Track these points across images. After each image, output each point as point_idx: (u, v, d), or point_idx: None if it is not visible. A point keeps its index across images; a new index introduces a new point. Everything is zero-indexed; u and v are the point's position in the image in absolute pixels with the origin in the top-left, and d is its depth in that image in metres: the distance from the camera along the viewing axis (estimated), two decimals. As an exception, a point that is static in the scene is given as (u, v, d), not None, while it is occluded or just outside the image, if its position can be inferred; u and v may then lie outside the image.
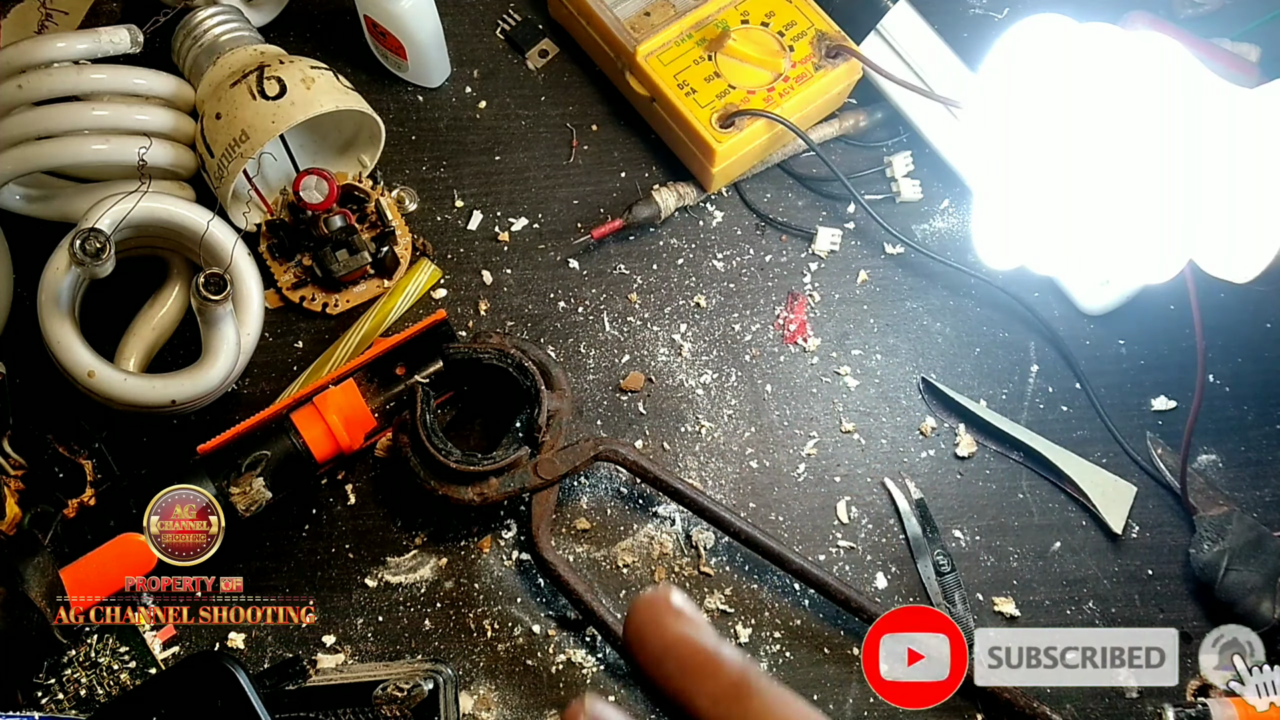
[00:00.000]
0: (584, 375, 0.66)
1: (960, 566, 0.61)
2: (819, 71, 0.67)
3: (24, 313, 0.63)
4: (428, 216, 0.70)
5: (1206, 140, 0.51)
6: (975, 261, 0.68)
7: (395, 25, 0.67)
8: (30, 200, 0.64)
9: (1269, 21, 0.72)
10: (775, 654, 0.60)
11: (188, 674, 0.47)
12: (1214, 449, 0.65)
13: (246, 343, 0.62)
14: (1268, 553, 0.59)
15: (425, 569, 0.61)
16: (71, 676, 0.57)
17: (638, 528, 0.62)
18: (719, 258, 0.69)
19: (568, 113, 0.73)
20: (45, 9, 0.74)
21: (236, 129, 0.60)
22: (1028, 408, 0.66)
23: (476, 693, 0.58)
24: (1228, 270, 0.52)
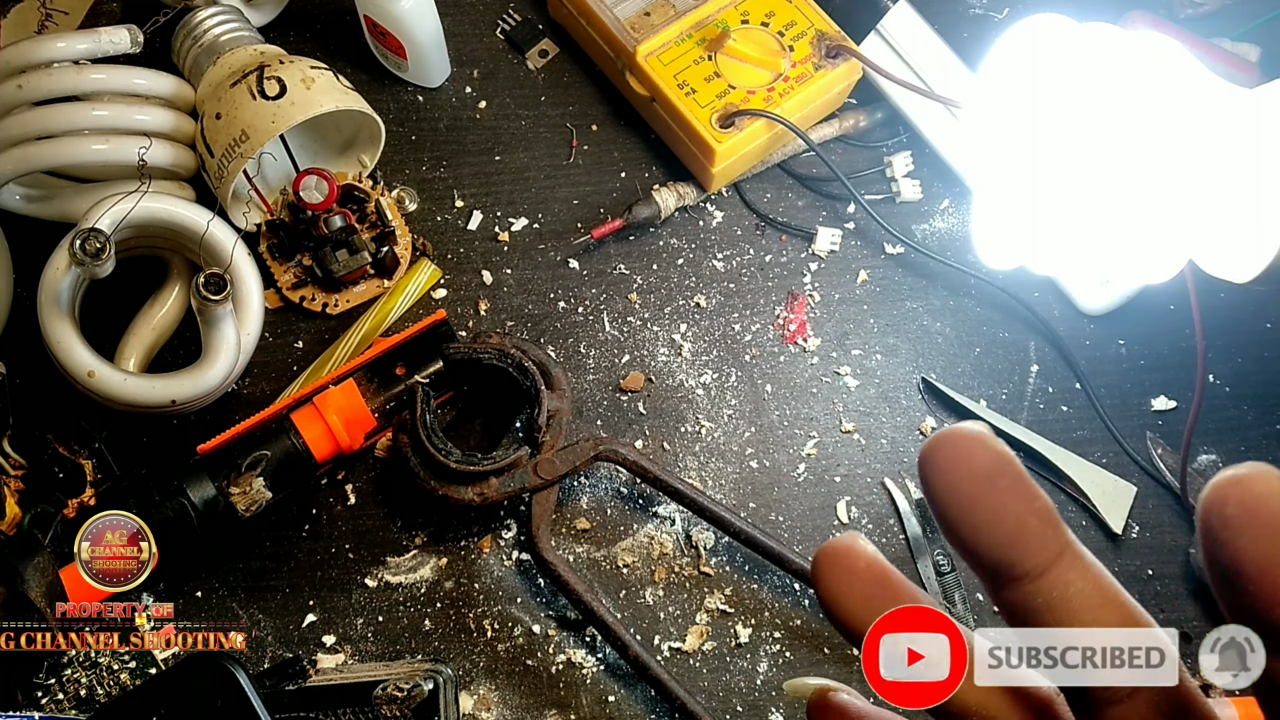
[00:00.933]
0: (584, 375, 0.66)
1: (960, 566, 0.61)
2: (819, 71, 0.67)
3: (24, 313, 0.63)
4: (428, 216, 0.70)
5: (1206, 140, 0.51)
6: (975, 261, 0.68)
7: (395, 25, 0.67)
8: (30, 200, 0.64)
9: (1269, 21, 0.72)
10: (775, 654, 0.60)
11: (188, 674, 0.47)
12: (1214, 449, 0.65)
13: (246, 343, 0.62)
14: (1268, 553, 0.59)
15: (425, 569, 0.61)
16: (71, 676, 0.57)
17: (638, 528, 0.62)
18: (719, 258, 0.69)
19: (568, 113, 0.73)
20: (45, 9, 0.74)
21: (236, 129, 0.60)
22: (1028, 408, 0.66)
23: (476, 693, 0.58)
24: (1228, 270, 0.52)
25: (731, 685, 0.59)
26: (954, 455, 0.23)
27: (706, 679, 0.59)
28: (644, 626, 0.60)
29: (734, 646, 0.60)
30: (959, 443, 0.23)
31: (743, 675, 0.59)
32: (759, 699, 0.59)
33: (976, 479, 0.23)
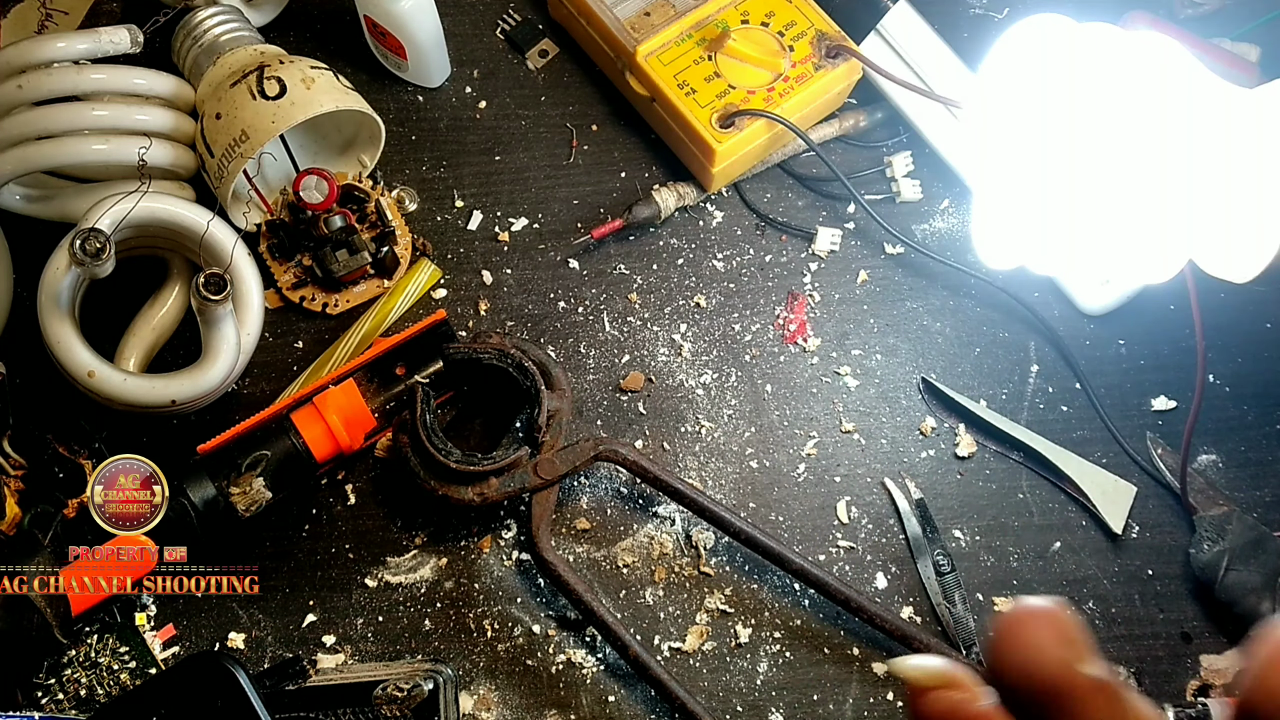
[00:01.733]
0: (584, 375, 0.66)
1: (960, 566, 0.61)
2: (819, 71, 0.67)
3: (24, 313, 0.63)
4: (428, 216, 0.70)
5: (1206, 140, 0.51)
6: (975, 261, 0.68)
7: (395, 25, 0.67)
8: (30, 200, 0.64)
9: (1269, 21, 0.72)
10: (775, 654, 0.60)
11: (188, 674, 0.47)
12: (1214, 449, 0.65)
13: (246, 343, 0.62)
14: (1268, 553, 0.59)
15: (425, 569, 0.61)
16: (71, 676, 0.57)
17: (638, 528, 0.62)
18: (719, 258, 0.69)
19: (568, 113, 0.73)
20: (45, 9, 0.74)
21: (236, 129, 0.60)
22: (1028, 408, 0.66)
23: (476, 693, 0.58)
24: (1227, 270, 0.52)
25: (731, 685, 0.59)
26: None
27: (706, 679, 0.59)
28: (644, 626, 0.60)
29: (734, 646, 0.60)
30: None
31: (743, 675, 0.59)
32: (759, 699, 0.59)
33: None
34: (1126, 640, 0.60)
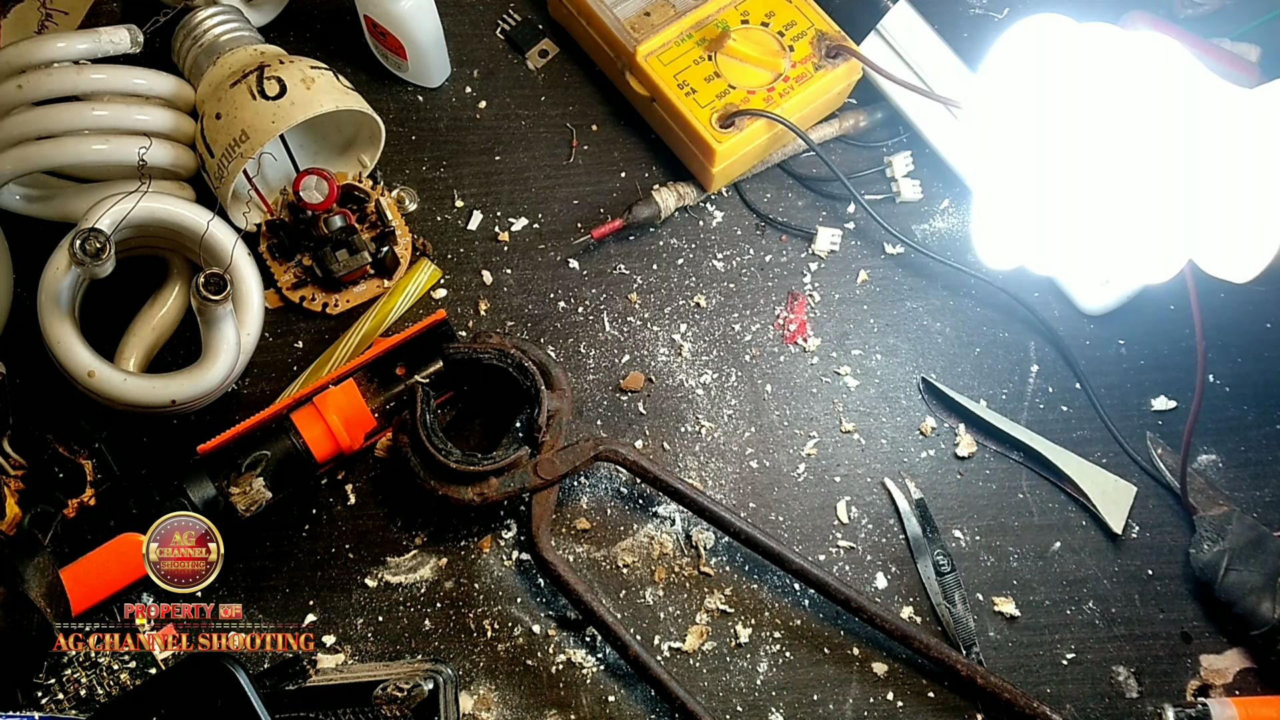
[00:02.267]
0: (584, 375, 0.66)
1: (960, 566, 0.61)
2: (819, 71, 0.67)
3: (24, 313, 0.63)
4: (428, 216, 0.70)
5: (1206, 140, 0.51)
6: (975, 261, 0.68)
7: (395, 25, 0.67)
8: (30, 200, 0.64)
9: (1269, 21, 0.72)
10: (775, 654, 0.60)
11: (188, 674, 0.47)
12: (1214, 449, 0.65)
13: (246, 343, 0.62)
14: (1268, 553, 0.59)
15: (425, 569, 0.61)
16: (71, 676, 0.57)
17: (638, 528, 0.62)
18: (719, 258, 0.69)
19: (568, 113, 0.73)
20: (45, 9, 0.74)
21: (236, 129, 0.60)
22: (1028, 408, 0.66)
23: (476, 693, 0.58)
24: (1227, 270, 0.52)
25: (731, 685, 0.59)
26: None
27: (706, 679, 0.59)
28: (644, 626, 0.60)
29: (734, 646, 0.60)
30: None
31: (743, 675, 0.59)
32: (759, 699, 0.59)
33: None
34: (1126, 640, 0.60)
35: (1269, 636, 0.57)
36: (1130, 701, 0.59)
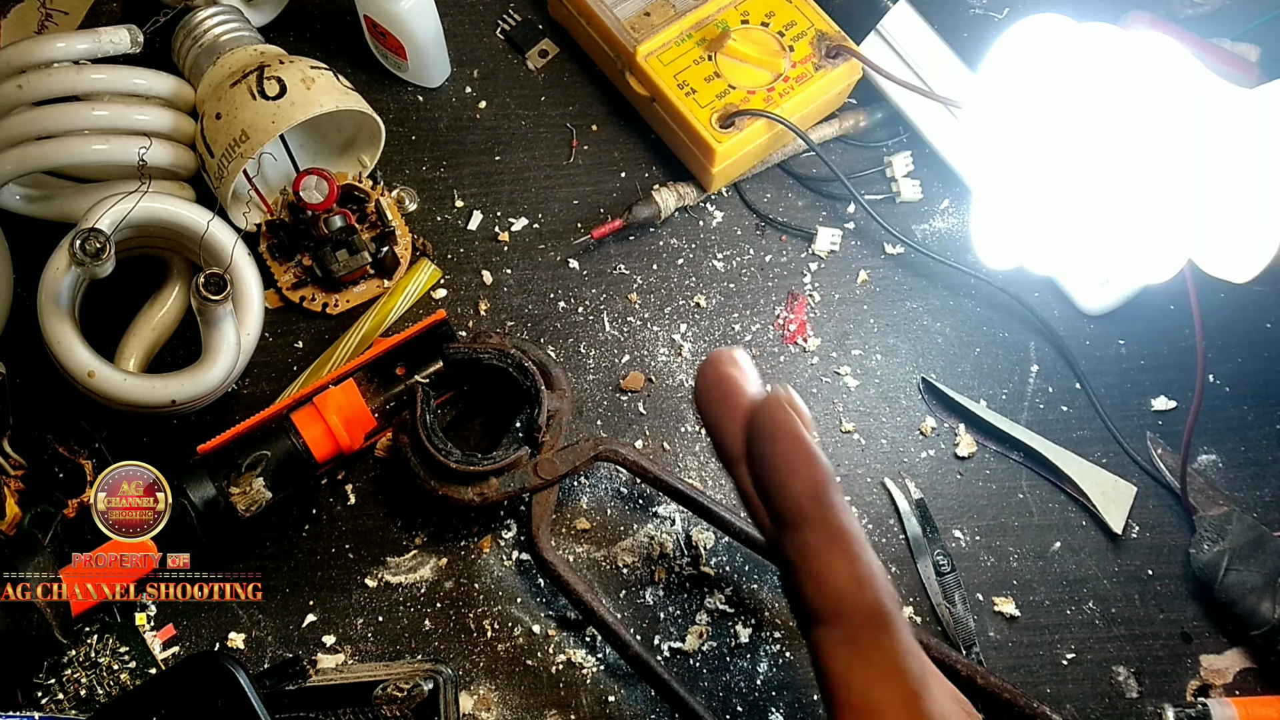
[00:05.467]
0: (584, 375, 0.66)
1: (960, 566, 0.61)
2: (819, 71, 0.67)
3: (24, 313, 0.63)
4: (428, 216, 0.70)
5: (1206, 140, 0.51)
6: (975, 261, 0.68)
7: (395, 25, 0.67)
8: (30, 200, 0.64)
9: (1269, 21, 0.72)
10: (775, 654, 0.60)
11: (188, 674, 0.47)
12: (1214, 449, 0.65)
13: (246, 343, 0.62)
14: (1268, 553, 0.59)
15: (425, 569, 0.61)
16: (71, 676, 0.57)
17: (638, 528, 0.62)
18: (719, 258, 0.69)
19: (568, 113, 0.73)
20: (45, 9, 0.74)
21: (236, 129, 0.60)
22: (1028, 408, 0.66)
23: (476, 693, 0.58)
24: (1227, 270, 0.52)
25: (731, 685, 0.59)
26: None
27: (706, 679, 0.59)
28: (644, 626, 0.60)
29: (734, 646, 0.60)
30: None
31: (743, 675, 0.59)
32: (759, 699, 0.59)
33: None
34: (1126, 640, 0.60)
35: (1269, 636, 0.58)
36: (1130, 701, 0.59)
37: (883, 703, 0.32)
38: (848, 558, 0.33)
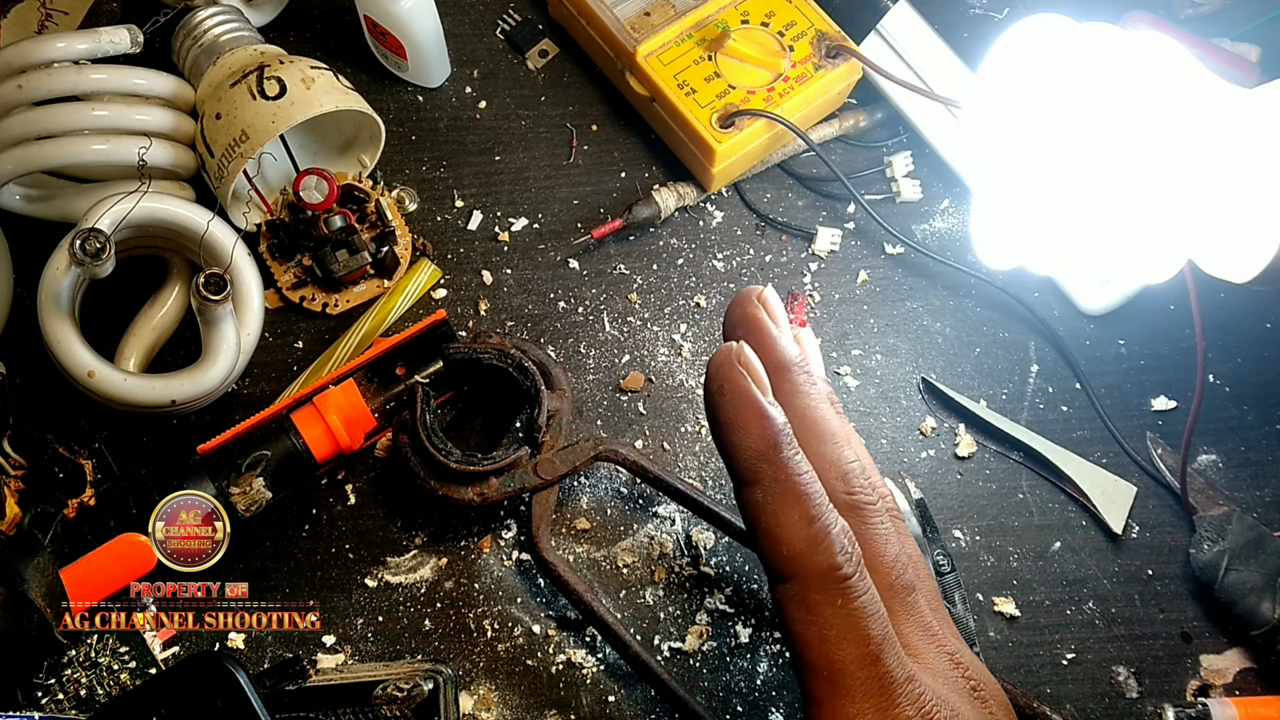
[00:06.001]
0: (584, 375, 0.66)
1: (960, 566, 0.61)
2: (819, 71, 0.67)
3: (24, 313, 0.63)
4: (428, 216, 0.70)
5: (1206, 140, 0.51)
6: (975, 261, 0.68)
7: (395, 25, 0.67)
8: (30, 200, 0.64)
9: (1269, 21, 0.72)
10: (775, 654, 0.60)
11: (188, 674, 0.47)
12: (1214, 449, 0.65)
13: (246, 343, 0.62)
14: (1268, 553, 0.59)
15: (425, 569, 0.61)
16: (71, 676, 0.57)
17: (638, 528, 0.62)
18: (719, 258, 0.69)
19: (568, 113, 0.73)
20: (45, 9, 0.74)
21: (236, 129, 0.60)
22: (1028, 408, 0.66)
23: (476, 693, 0.58)
24: (1227, 270, 0.52)
25: (731, 685, 0.59)
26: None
27: (706, 679, 0.59)
28: (644, 626, 0.60)
29: (734, 646, 0.60)
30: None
31: (743, 675, 0.59)
32: (759, 699, 0.59)
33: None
34: (1126, 640, 0.60)
35: (1269, 636, 0.58)
36: (1130, 701, 0.59)
37: (843, 662, 0.33)
38: (801, 517, 0.33)
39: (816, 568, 0.33)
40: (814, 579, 0.33)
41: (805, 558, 0.33)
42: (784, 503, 0.34)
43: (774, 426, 0.34)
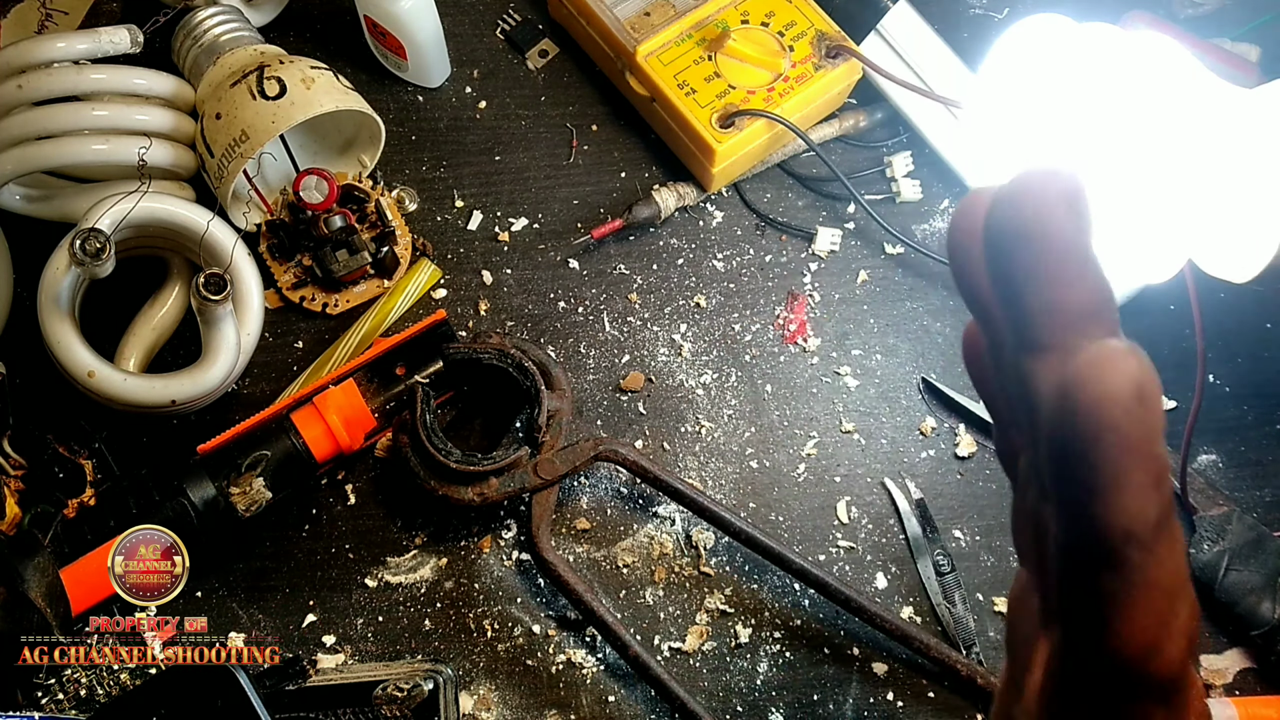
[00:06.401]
0: (584, 375, 0.66)
1: (960, 566, 0.61)
2: (819, 71, 0.67)
3: (24, 313, 0.63)
4: (428, 216, 0.70)
5: (1206, 140, 0.51)
6: (975, 261, 0.68)
7: (395, 25, 0.67)
8: (30, 200, 0.64)
9: (1269, 21, 0.72)
10: (775, 654, 0.60)
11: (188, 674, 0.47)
12: (1214, 449, 0.65)
13: (246, 343, 0.62)
14: (1268, 553, 0.59)
15: (425, 569, 0.61)
16: (71, 676, 0.57)
17: (638, 528, 0.62)
18: (719, 258, 0.69)
19: (568, 113, 0.73)
20: (45, 9, 0.74)
21: (236, 129, 0.60)
22: (1028, 408, 0.65)
23: (476, 693, 0.58)
24: (1227, 270, 0.52)
25: (731, 685, 0.59)
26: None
27: (706, 679, 0.59)
28: (644, 626, 0.60)
29: (734, 646, 0.60)
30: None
31: (743, 675, 0.59)
32: (759, 699, 0.59)
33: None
34: (1126, 640, 0.60)
35: (1269, 636, 0.57)
36: (1130, 701, 0.59)
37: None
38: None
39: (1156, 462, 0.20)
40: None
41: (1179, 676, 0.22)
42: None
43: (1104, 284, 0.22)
